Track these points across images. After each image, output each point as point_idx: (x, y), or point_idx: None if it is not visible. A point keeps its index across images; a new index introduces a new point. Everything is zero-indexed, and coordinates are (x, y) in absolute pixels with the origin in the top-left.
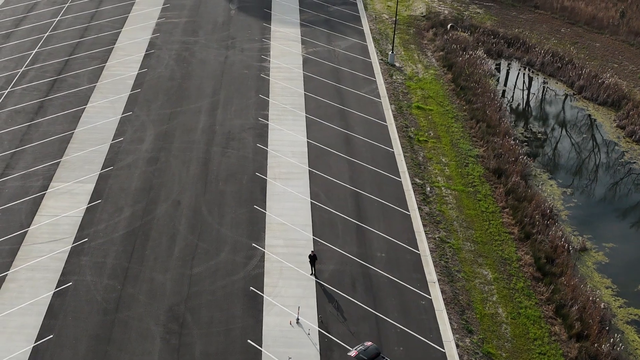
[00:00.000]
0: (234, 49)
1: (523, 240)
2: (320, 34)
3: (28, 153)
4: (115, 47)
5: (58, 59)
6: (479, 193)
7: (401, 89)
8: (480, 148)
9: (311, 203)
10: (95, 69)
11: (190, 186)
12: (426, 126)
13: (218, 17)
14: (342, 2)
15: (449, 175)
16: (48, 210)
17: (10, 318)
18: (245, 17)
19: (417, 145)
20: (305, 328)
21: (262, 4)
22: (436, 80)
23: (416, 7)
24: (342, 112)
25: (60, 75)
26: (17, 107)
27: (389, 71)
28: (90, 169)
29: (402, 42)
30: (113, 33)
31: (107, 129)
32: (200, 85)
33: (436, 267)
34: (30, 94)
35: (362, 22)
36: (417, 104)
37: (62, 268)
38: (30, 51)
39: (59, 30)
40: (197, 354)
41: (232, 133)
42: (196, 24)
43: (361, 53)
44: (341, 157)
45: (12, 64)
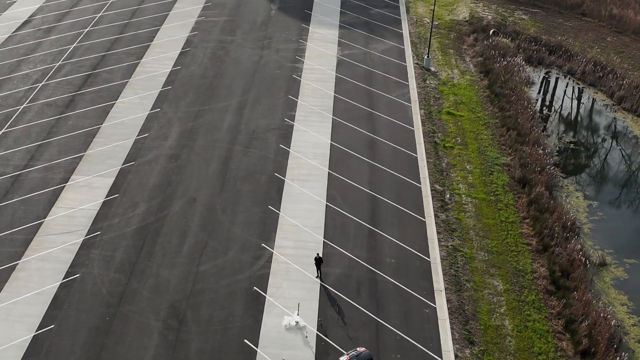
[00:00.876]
0: (269, 49)
1: (541, 252)
2: (358, 37)
3: (53, 145)
4: (152, 44)
5: (95, 54)
6: (501, 202)
7: (433, 94)
8: (508, 157)
9: (326, 205)
10: (129, 65)
11: (207, 184)
12: (454, 132)
13: (257, 17)
14: (384, 5)
15: (471, 182)
16: (66, 202)
17: (15, 306)
18: (285, 17)
19: (442, 152)
20: (303, 330)
21: (303, 5)
22: (471, 86)
23: (459, 12)
24: (370, 115)
25: (95, 70)
26: (49, 100)
27: (423, 75)
28: (111, 163)
29: (441, 47)
30: (152, 30)
31: (133, 124)
32: (231, 84)
33: (445, 276)
34: (63, 87)
35: (402, 25)
36: (448, 110)
37: (72, 260)
38: (69, 46)
39: (99, 26)
40: (192, 351)
41: (257, 133)
42: (235, 23)
43: (397, 56)
44: (363, 161)
45: (49, 58)
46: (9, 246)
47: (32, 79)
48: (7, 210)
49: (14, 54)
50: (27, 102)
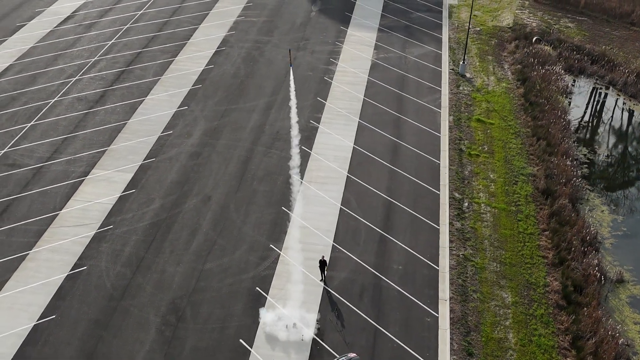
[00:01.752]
0: (304, 51)
1: (556, 266)
2: (396, 40)
3: (79, 139)
4: (188, 42)
5: (131, 51)
6: (521, 213)
7: (465, 101)
8: (535, 167)
9: (340, 209)
10: (163, 62)
11: (224, 183)
12: (482, 140)
13: (297, 18)
14: (427, 10)
15: (493, 192)
16: (83, 195)
17: (21, 295)
18: (324, 19)
19: (466, 159)
20: (300, 333)
21: (344, 7)
22: (506, 94)
23: (503, 18)
24: (397, 120)
25: (128, 66)
26: (80, 95)
27: (457, 81)
28: (133, 159)
29: (480, 53)
30: (190, 29)
31: (159, 121)
32: (262, 84)
33: (452, 285)
34: (95, 83)
35: (443, 30)
36: (478, 117)
37: (81, 252)
38: (107, 42)
39: (139, 24)
40: (187, 348)
41: (280, 134)
42: (273, 23)
43: (433, 61)
44: (383, 166)
45: (86, 53)
46: (22, 236)
47: (67, 73)
48: (25, 201)
49: (52, 48)
50: (59, 96)
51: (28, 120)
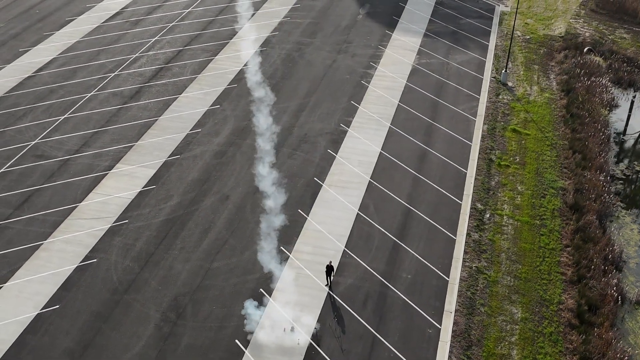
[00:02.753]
0: (345, 54)
1: (574, 284)
2: (440, 46)
3: (108, 134)
4: (230, 42)
5: (172, 49)
6: (545, 227)
7: (503, 110)
8: (567, 181)
9: (357, 214)
10: (202, 61)
11: (244, 183)
12: (514, 151)
13: (343, 21)
14: (478, 16)
15: (518, 204)
16: (104, 189)
17: (29, 284)
18: (371, 22)
19: (495, 170)
20: (297, 337)
21: (392, 11)
22: (547, 104)
23: (556, 27)
24: (430, 127)
25: (167, 64)
26: (116, 90)
27: (497, 90)
28: (158, 155)
29: (526, 62)
30: (234, 28)
31: (190, 119)
32: (297, 86)
33: (460, 297)
34: (133, 78)
35: (491, 37)
36: (514, 127)
37: (94, 245)
38: (150, 39)
39: (184, 22)
40: (182, 345)
41: (308, 136)
42: (318, 25)
43: (475, 69)
44: (408, 172)
45: (128, 49)
46: (39, 226)
47: (107, 68)
48: (48, 191)
49: (96, 43)
50: (95, 90)
51: (62, 113)
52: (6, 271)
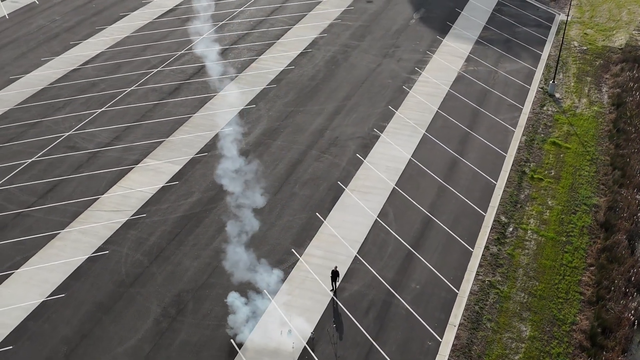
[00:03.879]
0: (390, 58)
1: (593, 304)
2: (491, 54)
3: (141, 128)
4: (277, 42)
5: (218, 47)
6: (570, 245)
7: (545, 121)
8: (602, 198)
9: (375, 220)
10: (246, 60)
11: (267, 183)
12: (550, 164)
13: (394, 25)
14: (535, 25)
15: (546, 219)
16: (128, 183)
17: (39, 272)
18: (423, 27)
19: (527, 182)
20: (292, 341)
21: (447, 17)
22: (594, 118)
23: (616, 39)
24: (466, 135)
25: (210, 62)
26: (156, 86)
27: (542, 101)
28: (186, 152)
29: (579, 73)
30: (283, 29)
31: (223, 117)
32: (336, 88)
33: (466, 311)
34: (174, 75)
35: (545, 47)
36: (554, 140)
37: (108, 237)
38: (198, 37)
39: (235, 20)
40: (177, 341)
41: (339, 139)
42: (368, 29)
43: (524, 78)
44: (435, 181)
45: (175, 46)
46: (59, 215)
47: (151, 64)
48: (73, 182)
49: (144, 39)
50: (136, 85)
51: (100, 106)
52: (20, 257)
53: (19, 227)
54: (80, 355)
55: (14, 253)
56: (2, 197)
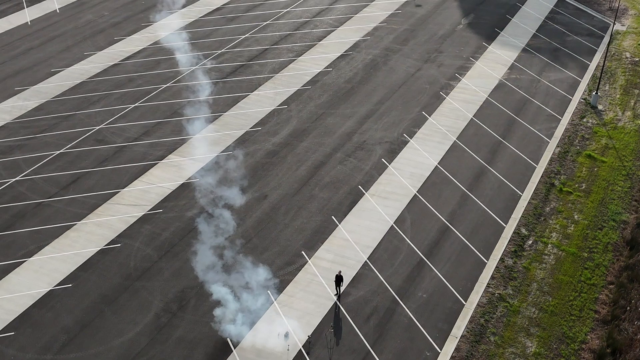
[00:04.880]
0: (431, 63)
1: (607, 324)
2: (536, 62)
3: (170, 125)
4: (319, 43)
5: (258, 47)
6: (592, 261)
7: (583, 134)
8: (632, 214)
9: (391, 227)
10: (284, 61)
11: (286, 184)
12: (582, 177)
13: (440, 30)
14: (587, 34)
15: (569, 234)
16: (149, 178)
17: (51, 261)
18: (469, 33)
19: (554, 195)
20: (289, 343)
21: (496, 23)
22: (636, 132)
23: None
24: (497, 144)
25: (249, 61)
26: (190, 84)
27: (583, 112)
28: (211, 149)
29: (627, 85)
30: (326, 30)
31: (253, 117)
32: (371, 92)
33: (471, 323)
34: (211, 73)
35: (595, 57)
36: (590, 153)
37: (122, 230)
38: (241, 36)
39: (280, 21)
40: (173, 336)
41: (366, 143)
42: (413, 33)
43: (567, 89)
44: (458, 189)
45: (216, 44)
46: (78, 207)
47: (190, 62)
48: (96, 175)
49: (187, 37)
50: (172, 82)
51: (134, 101)
52: (34, 246)
53: (38, 216)
54: (77, 345)
55: (29, 242)
56: (26, 186)
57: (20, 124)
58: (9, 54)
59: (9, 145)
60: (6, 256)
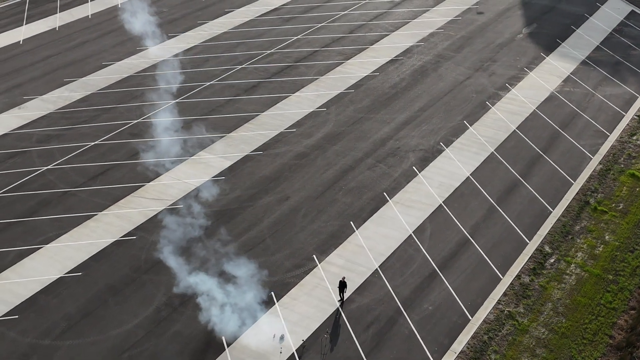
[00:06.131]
0: (483, 72)
1: (620, 350)
2: (594, 76)
3: (206, 122)
4: (370, 47)
5: (309, 48)
6: (616, 284)
7: (630, 151)
8: None
9: (409, 236)
10: (332, 63)
11: (310, 187)
12: (621, 197)
13: (499, 39)
14: None
15: (596, 254)
16: (176, 173)
17: (66, 249)
18: (529, 43)
19: (587, 214)
20: (280, 344)
21: (558, 34)
22: None
23: None
24: (536, 158)
25: (296, 62)
26: (235, 82)
27: (634, 130)
28: (243, 148)
29: None
30: (381, 35)
31: (290, 118)
32: (415, 98)
33: (473, 339)
34: (256, 73)
35: None
36: (634, 172)
37: (140, 223)
38: (293, 37)
39: (334, 23)
40: (170, 331)
41: (400, 150)
42: (469, 41)
43: (622, 104)
44: (486, 202)
45: (267, 44)
46: (102, 198)
47: (237, 60)
48: (124, 168)
49: (240, 35)
50: (216, 80)
51: (174, 97)
52: (53, 234)
53: (62, 205)
54: (76, 332)
55: (49, 229)
56: (55, 175)
57: (62, 114)
58: (65, 45)
59: (47, 134)
60: (25, 241)
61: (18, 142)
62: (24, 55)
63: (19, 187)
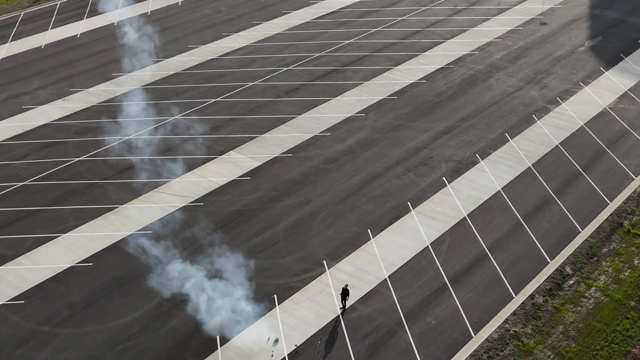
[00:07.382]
0: (535, 84)
1: None
2: None
3: (242, 122)
4: (422, 54)
5: (358, 52)
6: (637, 311)
7: None
8: None
9: (425, 247)
10: (379, 69)
11: (334, 192)
12: None
13: (558, 51)
14: None
15: (621, 279)
16: (202, 171)
17: (81, 239)
18: (589, 56)
19: (618, 236)
20: (273, 349)
21: (623, 48)
22: None
23: None
24: (575, 176)
25: (343, 66)
26: (277, 84)
27: None
28: (273, 150)
29: None
30: (435, 42)
31: (327, 122)
32: (458, 108)
33: (472, 357)
34: (300, 75)
35: None
36: None
37: (158, 218)
38: (345, 40)
39: (390, 28)
40: (166, 327)
41: (432, 160)
42: (527, 51)
43: None
44: (512, 217)
45: (316, 47)
46: (126, 191)
47: (284, 62)
48: (154, 164)
49: (291, 37)
50: (259, 80)
51: (216, 96)
52: (72, 223)
53: (87, 195)
54: (76, 321)
55: (70, 218)
56: (86, 166)
57: (104, 107)
58: (119, 41)
59: (85, 126)
60: (45, 229)
61: (57, 133)
62: (79, 48)
63: (49, 176)
